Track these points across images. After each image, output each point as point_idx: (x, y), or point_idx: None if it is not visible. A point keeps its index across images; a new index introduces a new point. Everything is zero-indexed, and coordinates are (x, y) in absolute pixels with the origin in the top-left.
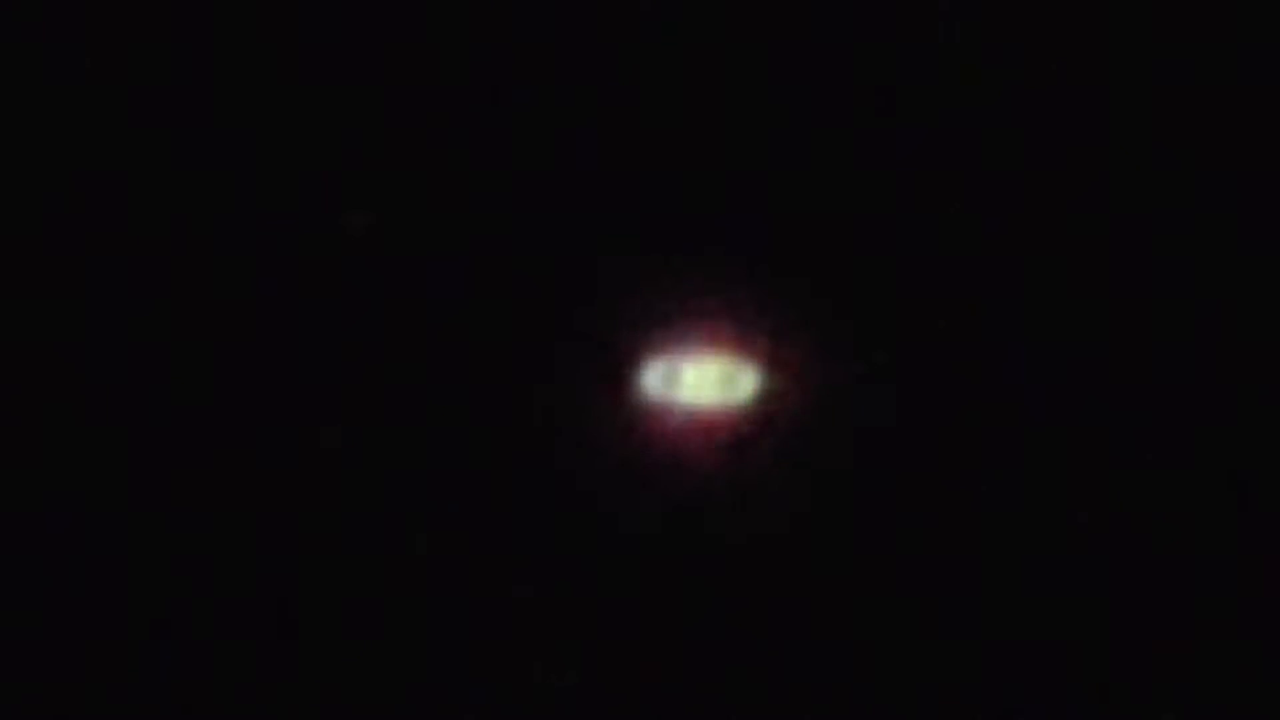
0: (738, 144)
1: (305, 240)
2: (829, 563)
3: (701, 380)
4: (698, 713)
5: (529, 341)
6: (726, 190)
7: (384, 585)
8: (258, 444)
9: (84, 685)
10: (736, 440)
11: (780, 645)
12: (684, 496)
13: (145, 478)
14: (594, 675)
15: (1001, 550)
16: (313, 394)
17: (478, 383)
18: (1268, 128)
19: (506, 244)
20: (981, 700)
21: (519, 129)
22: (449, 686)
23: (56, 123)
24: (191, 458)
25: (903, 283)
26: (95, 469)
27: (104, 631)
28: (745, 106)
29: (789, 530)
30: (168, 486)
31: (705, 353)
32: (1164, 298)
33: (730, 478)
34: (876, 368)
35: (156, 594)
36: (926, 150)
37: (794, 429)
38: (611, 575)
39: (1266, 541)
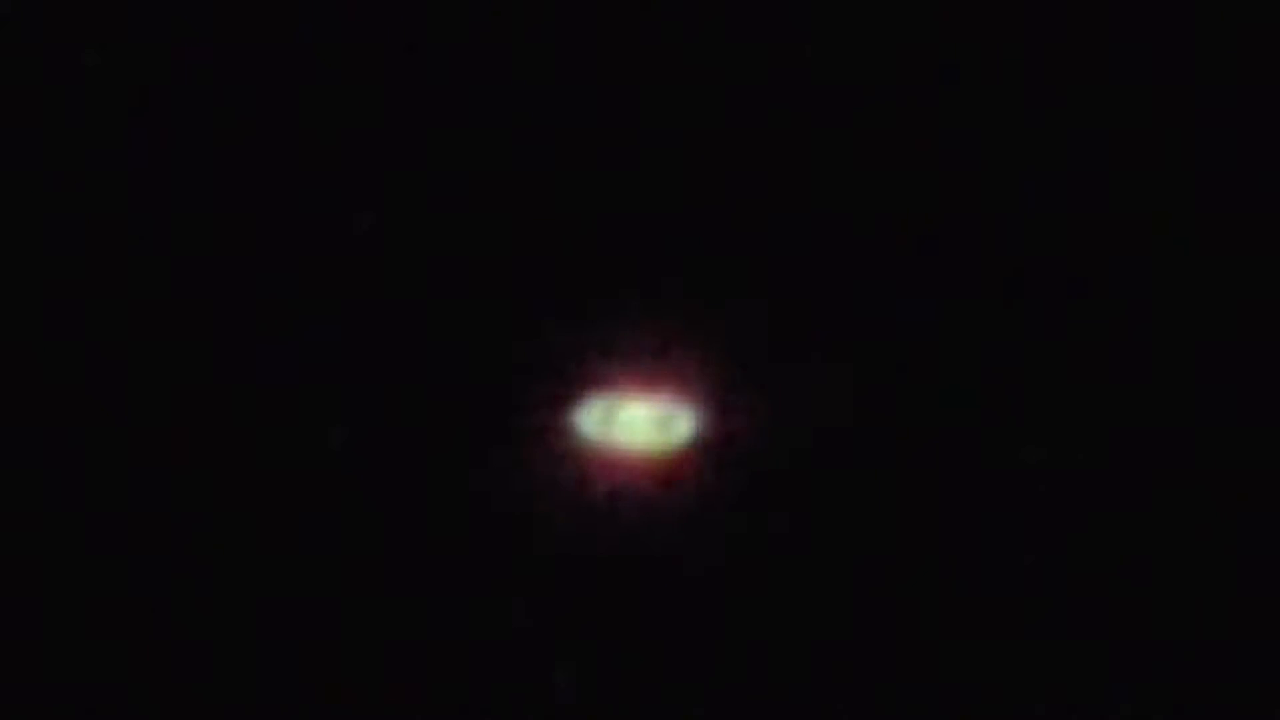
0: (676, 186)
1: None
2: (768, 600)
3: (637, 421)
4: None
5: (469, 379)
6: (667, 230)
7: (328, 622)
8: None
9: (84, 685)
10: (672, 481)
11: (721, 684)
12: (621, 536)
13: (145, 477)
14: (532, 715)
15: (950, 580)
16: (265, 418)
17: (415, 417)
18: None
19: (451, 280)
20: None
21: (469, 166)
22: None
23: (56, 123)
24: (184, 459)
25: (844, 321)
26: (95, 469)
27: (104, 631)
28: (690, 147)
29: (727, 569)
30: (167, 486)
31: (641, 393)
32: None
33: (667, 518)
34: (816, 407)
35: (156, 594)
36: (870, 185)
37: (730, 469)
38: (547, 612)
39: (1266, 542)
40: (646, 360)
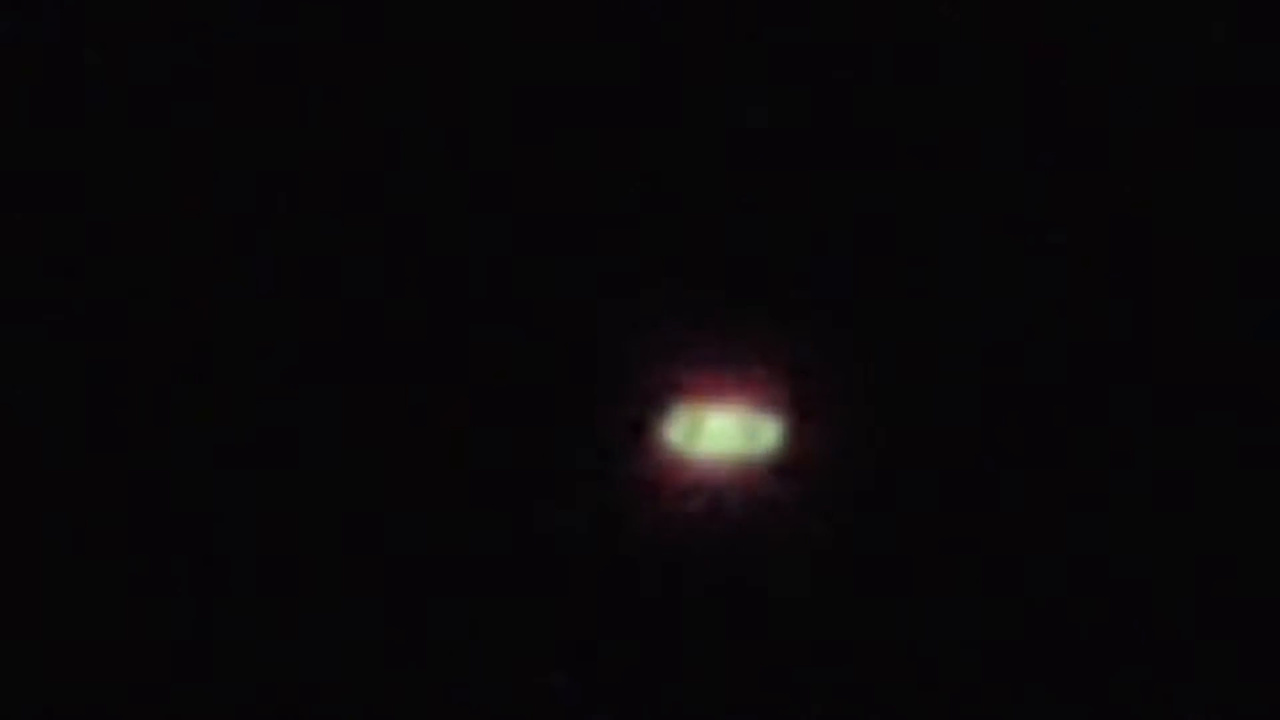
0: (765, 194)
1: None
2: (856, 611)
3: (724, 430)
4: None
5: (550, 388)
6: (755, 238)
7: (404, 628)
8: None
9: (84, 685)
10: (759, 490)
11: (808, 695)
12: (708, 547)
13: (146, 477)
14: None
15: (1039, 591)
16: (315, 422)
17: (497, 430)
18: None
19: (537, 291)
20: None
21: (550, 175)
22: None
23: (56, 122)
24: (190, 458)
25: (928, 327)
26: (95, 468)
27: (104, 631)
28: (778, 153)
29: (815, 578)
30: (168, 486)
31: (728, 402)
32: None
33: (754, 527)
34: (900, 413)
35: (157, 593)
36: (950, 188)
37: (817, 478)
38: (632, 624)
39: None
40: (732, 369)
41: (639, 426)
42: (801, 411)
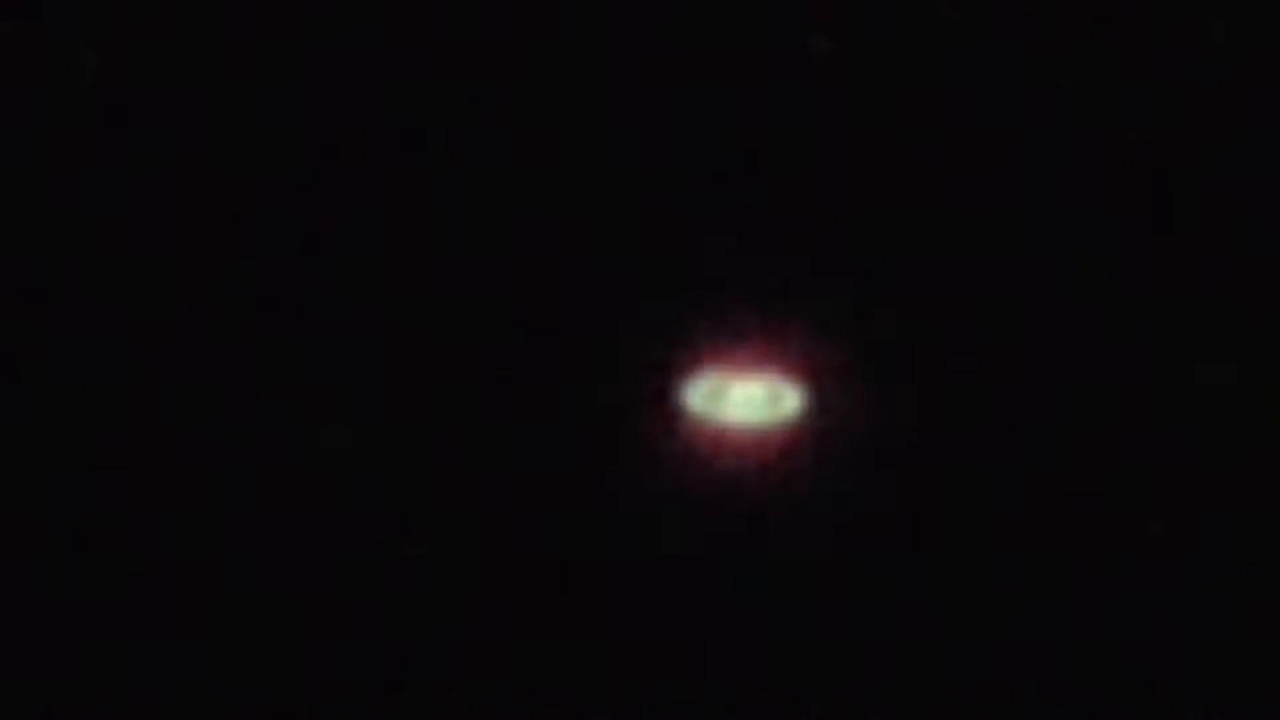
0: (789, 165)
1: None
2: (874, 579)
3: (747, 398)
4: None
5: (575, 356)
6: (776, 208)
7: (418, 593)
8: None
9: (83, 685)
10: (781, 459)
11: (824, 662)
12: (728, 514)
13: (145, 477)
14: (633, 690)
15: (1053, 568)
16: (325, 397)
17: (522, 397)
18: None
19: (554, 259)
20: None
21: (565, 144)
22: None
23: (56, 122)
24: (191, 457)
25: (950, 300)
26: (95, 467)
27: (104, 631)
28: (792, 126)
29: (834, 548)
30: (167, 486)
31: (751, 371)
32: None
33: (775, 496)
34: (922, 385)
35: (156, 593)
36: (975, 160)
37: (838, 447)
38: (654, 591)
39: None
40: (755, 337)
41: (662, 394)
42: (823, 379)
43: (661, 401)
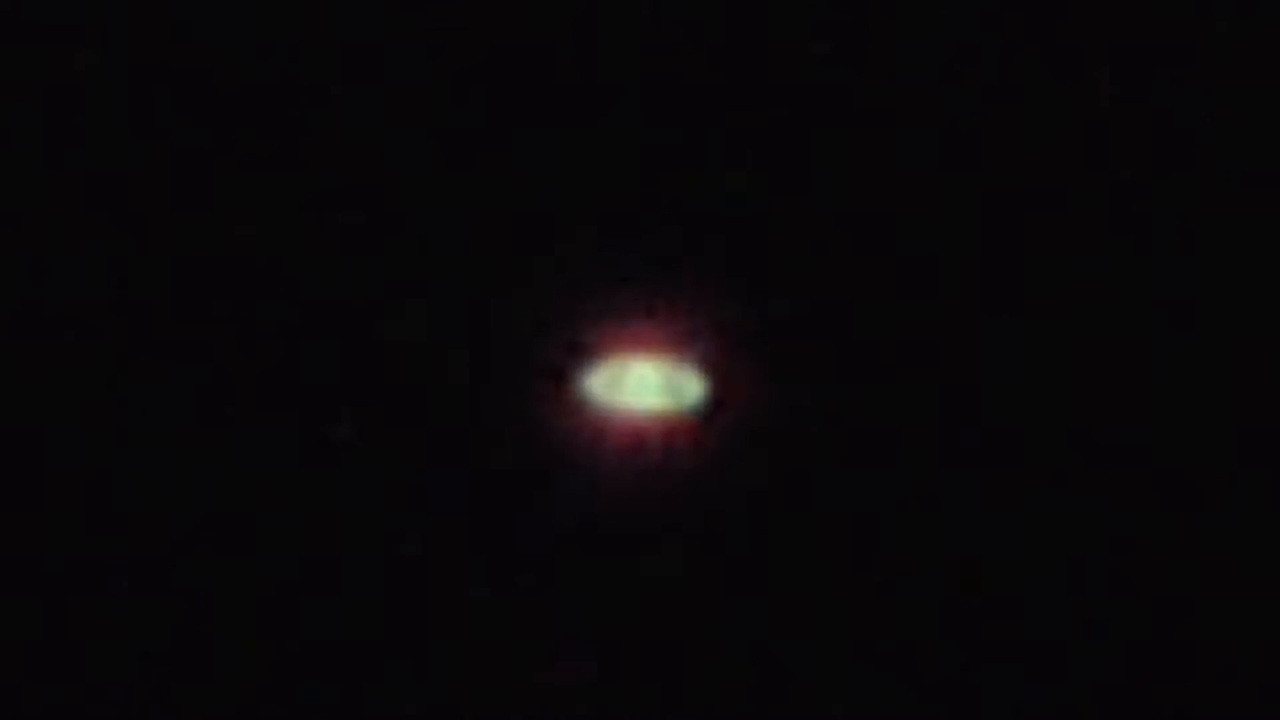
0: (688, 150)
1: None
2: (772, 566)
3: (645, 384)
4: (637, 712)
5: (474, 343)
6: (677, 196)
7: (327, 592)
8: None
9: (84, 685)
10: (679, 445)
11: (722, 648)
12: (626, 499)
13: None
14: (535, 676)
15: (959, 554)
16: (271, 398)
17: (422, 385)
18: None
19: (458, 246)
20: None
21: (473, 132)
22: (404, 686)
23: (56, 122)
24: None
25: (853, 286)
26: (94, 465)
27: (104, 631)
28: (700, 114)
29: (729, 533)
30: (167, 486)
31: (649, 357)
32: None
33: (673, 481)
34: (822, 373)
35: (157, 593)
36: (879, 154)
37: (737, 434)
38: (551, 576)
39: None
40: (655, 325)
41: (561, 378)
42: (722, 365)
43: (561, 389)
